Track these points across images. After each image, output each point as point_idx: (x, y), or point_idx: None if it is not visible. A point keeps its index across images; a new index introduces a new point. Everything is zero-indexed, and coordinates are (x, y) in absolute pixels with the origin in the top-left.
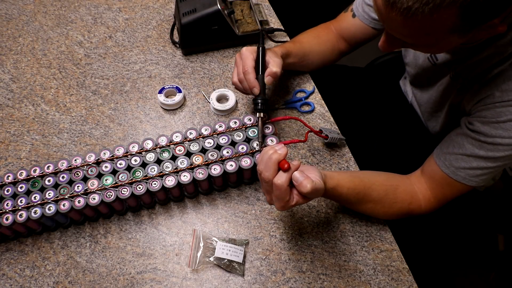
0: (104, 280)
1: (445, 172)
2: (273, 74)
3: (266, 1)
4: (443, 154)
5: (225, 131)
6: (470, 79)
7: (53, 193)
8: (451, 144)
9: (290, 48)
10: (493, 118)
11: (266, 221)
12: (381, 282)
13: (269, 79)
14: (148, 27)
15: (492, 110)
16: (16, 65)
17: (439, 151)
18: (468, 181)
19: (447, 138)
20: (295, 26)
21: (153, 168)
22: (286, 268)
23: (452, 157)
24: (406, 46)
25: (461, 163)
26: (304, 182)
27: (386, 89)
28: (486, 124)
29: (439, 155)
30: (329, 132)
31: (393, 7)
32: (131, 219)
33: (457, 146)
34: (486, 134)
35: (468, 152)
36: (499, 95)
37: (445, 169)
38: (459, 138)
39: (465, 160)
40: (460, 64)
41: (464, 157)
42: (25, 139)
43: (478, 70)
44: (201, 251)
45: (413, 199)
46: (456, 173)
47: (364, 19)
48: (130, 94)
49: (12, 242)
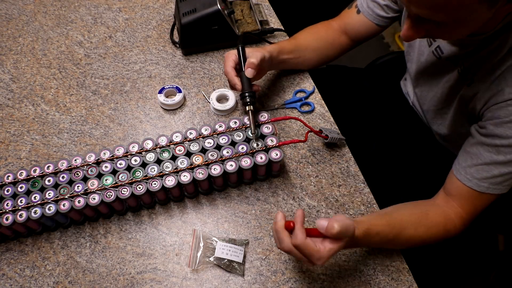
0: (104, 280)
1: (468, 186)
2: (251, 64)
3: (266, 1)
4: (462, 169)
5: (225, 131)
6: (480, 76)
7: (53, 193)
8: (468, 157)
9: (283, 44)
10: (506, 118)
11: (266, 221)
12: (381, 282)
13: (249, 71)
14: (148, 27)
15: (505, 109)
16: (16, 65)
17: (458, 166)
18: (492, 190)
19: (462, 151)
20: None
21: (153, 168)
22: (286, 268)
23: (472, 169)
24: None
25: (482, 173)
26: (329, 224)
27: (387, 90)
28: (500, 125)
29: (458, 170)
30: (329, 132)
31: None
32: (131, 219)
33: (474, 157)
34: (501, 136)
35: (487, 160)
36: (509, 91)
37: (468, 183)
38: (474, 148)
39: (485, 169)
40: (468, 58)
41: (484, 166)
42: (25, 139)
43: (488, 65)
44: (201, 251)
45: (447, 220)
46: (480, 185)
47: (368, 15)
48: (130, 94)
49: (12, 242)
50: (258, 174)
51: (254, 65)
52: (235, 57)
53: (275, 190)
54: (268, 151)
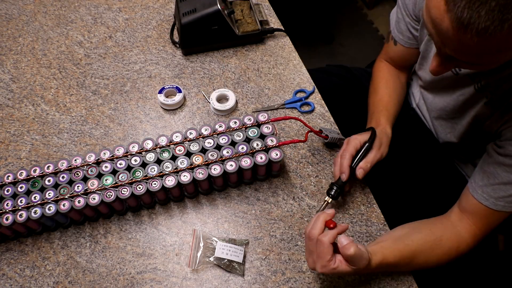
0: (104, 280)
1: (485, 204)
2: (366, 168)
3: (266, 1)
4: (479, 188)
5: (225, 131)
6: (499, 95)
7: (53, 193)
8: (485, 176)
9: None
10: None
11: (266, 221)
12: (381, 282)
13: (360, 172)
14: (148, 27)
15: None
16: (16, 65)
17: (474, 184)
18: (508, 208)
19: (478, 169)
20: (295, 26)
21: (153, 168)
22: (286, 268)
23: (489, 188)
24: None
25: (499, 192)
26: (348, 245)
27: None
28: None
29: (475, 189)
30: (329, 132)
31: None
32: (131, 219)
33: (491, 176)
34: None
35: (505, 180)
36: None
37: (484, 201)
38: (491, 168)
39: (503, 189)
40: (487, 77)
41: (501, 186)
42: (25, 139)
43: (507, 86)
44: (201, 251)
45: (460, 242)
46: (496, 204)
47: (405, 43)
48: (130, 94)
49: (12, 242)
50: (258, 174)
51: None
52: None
53: (275, 190)
54: (268, 151)
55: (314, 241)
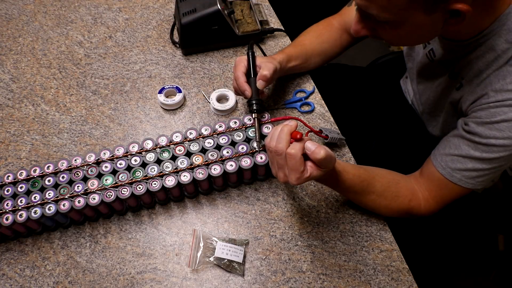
0: (104, 280)
1: (441, 173)
2: (263, 77)
3: (266, 1)
4: (440, 155)
5: (225, 131)
6: (468, 79)
7: (53, 193)
8: (447, 145)
9: (291, 52)
10: (487, 119)
11: (266, 221)
12: (381, 282)
13: (260, 83)
14: (148, 27)
15: (487, 110)
16: (16, 65)
17: (436, 152)
18: (464, 183)
19: (444, 139)
20: (295, 26)
21: (153, 168)
22: (286, 268)
23: (448, 158)
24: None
25: (457, 164)
26: (317, 149)
27: (386, 89)
28: (481, 124)
29: (436, 156)
30: (329, 132)
31: None
32: (131, 219)
33: (453, 147)
34: (480, 135)
35: (464, 153)
36: (493, 95)
37: (441, 170)
38: (455, 140)
39: (461, 161)
40: (457, 63)
41: (459, 158)
42: (25, 139)
43: (475, 70)
44: (201, 251)
45: (414, 197)
46: (452, 175)
47: None
48: (130, 94)
49: (12, 242)
50: (258, 174)
51: (266, 77)
52: (246, 63)
53: (275, 190)
54: None
55: (282, 155)
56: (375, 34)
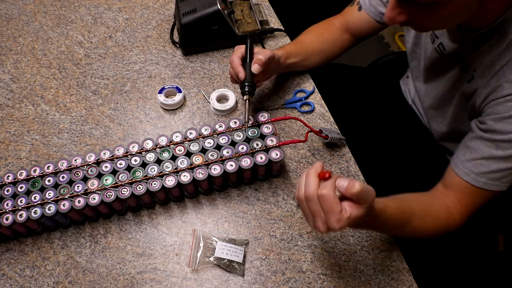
0: (104, 280)
1: (466, 180)
2: (259, 60)
3: (266, 1)
4: (460, 163)
5: (225, 131)
6: (481, 71)
7: (53, 193)
8: (467, 151)
9: (291, 49)
10: (505, 113)
11: (266, 221)
12: (381, 282)
13: (255, 67)
14: (148, 27)
15: (504, 104)
16: (16, 65)
17: (456, 160)
18: (490, 186)
19: (461, 145)
20: (295, 26)
21: (153, 168)
22: (286, 268)
23: (471, 163)
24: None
25: (480, 168)
26: (350, 183)
27: (386, 89)
28: (499, 120)
29: (457, 164)
30: (329, 132)
31: None
32: (131, 219)
33: (473, 151)
34: (500, 132)
35: (486, 155)
36: (508, 87)
37: (465, 177)
38: (473, 143)
39: (484, 164)
40: (468, 55)
41: (482, 161)
42: (25, 139)
43: (488, 61)
44: (201, 251)
45: (449, 214)
46: (477, 180)
47: (370, 12)
48: (130, 94)
49: (12, 242)
50: (258, 174)
51: (261, 61)
52: (244, 50)
53: (275, 190)
54: (268, 151)
55: (314, 200)
56: (410, 20)
